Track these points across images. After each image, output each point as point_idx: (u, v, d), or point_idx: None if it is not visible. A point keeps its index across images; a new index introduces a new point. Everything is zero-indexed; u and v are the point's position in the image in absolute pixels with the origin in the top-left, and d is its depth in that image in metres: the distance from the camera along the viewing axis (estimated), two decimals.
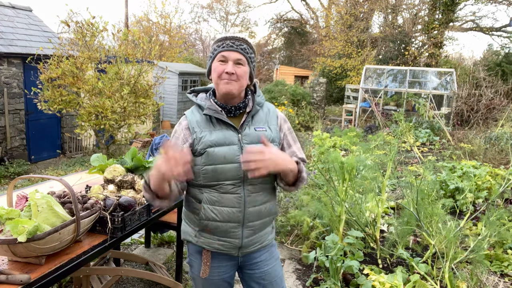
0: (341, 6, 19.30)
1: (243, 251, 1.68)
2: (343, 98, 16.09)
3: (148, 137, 9.10)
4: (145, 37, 7.33)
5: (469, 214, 3.50)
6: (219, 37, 1.60)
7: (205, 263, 1.66)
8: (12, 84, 7.60)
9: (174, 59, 18.86)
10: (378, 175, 3.50)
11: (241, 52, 1.56)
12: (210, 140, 1.55)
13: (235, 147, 1.56)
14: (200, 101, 1.65)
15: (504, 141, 7.07)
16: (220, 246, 1.64)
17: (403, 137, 8.75)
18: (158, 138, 3.75)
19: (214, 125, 1.59)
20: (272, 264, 1.77)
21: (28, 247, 1.53)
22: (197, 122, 1.60)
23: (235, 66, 1.55)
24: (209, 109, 1.59)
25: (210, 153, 1.54)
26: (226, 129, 1.59)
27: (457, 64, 16.11)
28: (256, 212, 1.63)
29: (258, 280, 1.76)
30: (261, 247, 1.73)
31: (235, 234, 1.62)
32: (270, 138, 1.63)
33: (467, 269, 3.09)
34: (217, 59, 1.57)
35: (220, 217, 1.59)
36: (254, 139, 1.59)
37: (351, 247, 3.20)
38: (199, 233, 1.65)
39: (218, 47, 1.57)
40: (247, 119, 1.62)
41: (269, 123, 1.67)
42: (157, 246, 3.77)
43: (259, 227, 1.68)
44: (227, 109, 1.61)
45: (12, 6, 8.96)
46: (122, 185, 2.32)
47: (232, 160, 1.55)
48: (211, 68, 1.61)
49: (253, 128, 1.62)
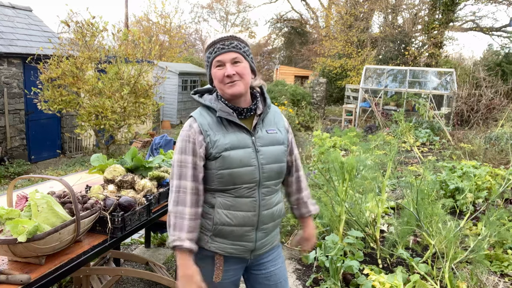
0: (341, 6, 19.30)
1: (255, 254, 1.67)
2: (343, 98, 16.10)
3: (148, 137, 9.10)
4: (145, 37, 7.33)
5: (469, 214, 3.50)
6: (208, 44, 1.57)
7: (218, 268, 1.63)
8: (12, 84, 7.60)
9: (174, 59, 18.86)
10: (378, 175, 3.50)
11: (234, 50, 1.53)
12: (224, 144, 1.52)
13: (249, 150, 1.55)
14: (209, 103, 1.59)
15: (504, 141, 7.07)
16: (234, 250, 1.61)
17: (403, 137, 8.75)
18: (158, 138, 3.75)
19: (227, 128, 1.55)
20: (279, 265, 1.77)
21: (28, 247, 1.53)
22: (209, 124, 1.55)
23: (233, 66, 1.52)
24: (221, 111, 1.55)
25: (225, 157, 1.51)
26: (240, 132, 1.56)
27: (457, 64, 16.11)
28: (270, 215, 1.63)
29: (262, 280, 1.74)
30: (270, 248, 1.73)
31: (249, 238, 1.60)
32: (281, 140, 1.64)
33: (467, 269, 3.09)
34: (213, 65, 1.55)
35: (235, 221, 1.56)
36: (267, 142, 1.59)
37: (351, 247, 3.20)
38: (211, 238, 1.60)
39: (211, 54, 1.55)
40: (258, 121, 1.60)
41: (278, 125, 1.67)
42: (157, 246, 3.77)
43: (271, 229, 1.68)
44: (238, 111, 1.58)
45: (12, 6, 8.96)
46: (122, 185, 2.32)
47: (248, 163, 1.53)
48: (211, 76, 1.59)
49: (265, 131, 1.61)
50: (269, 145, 1.59)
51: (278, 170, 1.62)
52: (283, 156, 1.65)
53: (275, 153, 1.60)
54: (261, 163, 1.56)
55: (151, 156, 3.43)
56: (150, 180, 2.42)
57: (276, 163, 1.61)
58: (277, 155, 1.61)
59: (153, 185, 2.39)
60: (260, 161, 1.56)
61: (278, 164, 1.62)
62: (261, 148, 1.57)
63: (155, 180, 2.47)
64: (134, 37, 7.35)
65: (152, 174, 2.47)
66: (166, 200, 2.49)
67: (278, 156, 1.62)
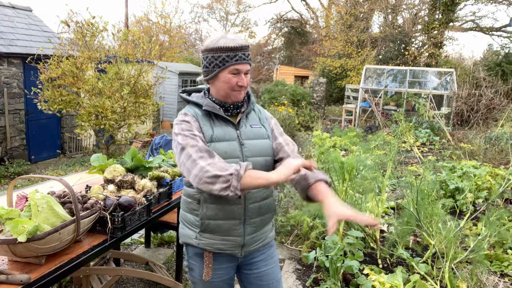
0: (341, 6, 19.30)
1: (246, 250, 1.67)
2: (343, 98, 16.10)
3: (148, 137, 9.09)
4: (145, 37, 7.33)
5: (469, 214, 3.50)
6: (229, 46, 1.54)
7: (207, 265, 1.65)
8: (12, 84, 7.60)
9: (174, 59, 18.85)
10: (378, 175, 3.50)
11: (250, 62, 1.60)
12: (211, 135, 1.58)
13: (234, 143, 1.60)
14: (196, 100, 1.67)
15: (504, 141, 7.07)
16: (223, 245, 1.63)
17: (403, 137, 8.76)
18: (158, 138, 3.75)
19: (214, 121, 1.62)
20: (271, 266, 1.76)
21: (28, 247, 1.53)
22: (199, 116, 1.62)
23: (245, 76, 1.60)
24: (207, 105, 1.62)
25: (211, 148, 1.55)
26: (226, 125, 1.63)
27: (457, 64, 16.12)
28: (257, 209, 1.65)
29: (254, 281, 1.74)
30: (262, 245, 1.73)
31: (237, 232, 1.62)
32: (265, 135, 1.69)
33: (467, 269, 3.09)
34: (229, 71, 1.56)
35: (221, 215, 1.59)
36: (251, 135, 1.65)
37: (351, 247, 3.20)
38: (199, 234, 1.63)
39: (230, 59, 1.54)
40: (242, 117, 1.67)
41: (262, 121, 1.74)
42: (157, 246, 3.77)
43: (260, 224, 1.69)
44: (225, 107, 1.65)
45: (12, 6, 8.96)
46: (122, 185, 2.32)
47: (233, 155, 1.57)
48: (217, 76, 1.59)
49: (249, 125, 1.68)
50: (253, 139, 1.65)
51: (263, 163, 1.64)
52: (268, 150, 1.67)
53: (259, 146, 1.64)
54: (246, 155, 1.60)
55: (151, 156, 3.43)
56: (150, 180, 2.42)
57: (260, 156, 1.64)
58: (262, 148, 1.65)
59: (153, 185, 2.39)
60: (244, 153, 1.60)
61: (263, 157, 1.65)
62: (246, 141, 1.62)
63: (155, 180, 2.47)
64: (134, 37, 7.35)
65: (152, 174, 2.47)
66: (166, 200, 2.49)
67: (263, 150, 1.65)
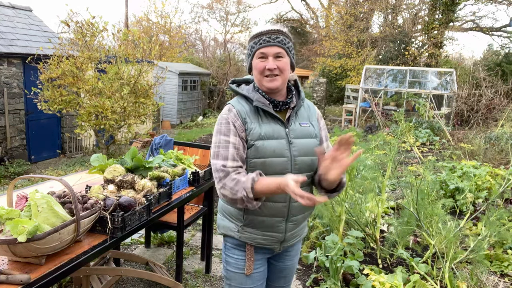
0: (341, 6, 19.29)
1: (284, 245, 1.70)
2: (343, 98, 16.09)
3: (148, 137, 9.08)
4: (145, 37, 7.33)
5: (469, 214, 3.50)
6: (254, 33, 1.58)
7: (249, 259, 1.66)
8: (12, 84, 7.60)
9: (174, 59, 18.83)
10: (378, 175, 3.50)
11: (279, 45, 1.54)
12: (259, 133, 1.55)
13: (283, 141, 1.57)
14: (246, 93, 1.62)
15: (504, 141, 7.07)
16: (264, 240, 1.64)
17: (403, 137, 8.76)
18: (158, 138, 3.75)
19: (262, 118, 1.59)
20: (294, 260, 1.82)
21: (28, 247, 1.53)
22: (246, 112, 1.58)
23: (276, 60, 1.55)
24: (258, 101, 1.58)
25: (259, 147, 1.54)
26: (274, 123, 1.59)
27: (457, 64, 16.13)
28: (300, 206, 1.63)
29: (275, 271, 1.78)
30: (298, 240, 1.77)
31: (279, 229, 1.63)
32: (313, 134, 1.66)
33: (467, 269, 3.09)
34: (256, 56, 1.56)
35: (266, 211, 1.58)
36: (300, 134, 1.62)
37: (351, 247, 3.20)
38: (242, 228, 1.64)
39: (255, 44, 1.56)
40: (292, 114, 1.63)
41: (311, 118, 1.70)
42: (157, 246, 3.77)
43: (301, 221, 1.70)
44: (275, 103, 1.61)
45: (12, 6, 8.96)
46: (122, 185, 2.32)
47: (281, 154, 1.56)
48: (251, 66, 1.61)
49: (298, 124, 1.64)
50: (301, 138, 1.62)
51: (309, 163, 1.62)
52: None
53: (307, 146, 1.62)
54: (294, 154, 1.58)
55: (151, 156, 3.42)
56: (150, 180, 2.42)
57: (308, 155, 1.61)
58: (309, 148, 1.62)
59: (153, 185, 2.39)
60: (292, 152, 1.58)
61: (310, 157, 1.62)
62: (294, 140, 1.59)
63: (155, 180, 2.47)
64: (134, 37, 7.35)
65: (152, 174, 2.47)
66: (166, 200, 2.49)
67: (310, 149, 1.62)
